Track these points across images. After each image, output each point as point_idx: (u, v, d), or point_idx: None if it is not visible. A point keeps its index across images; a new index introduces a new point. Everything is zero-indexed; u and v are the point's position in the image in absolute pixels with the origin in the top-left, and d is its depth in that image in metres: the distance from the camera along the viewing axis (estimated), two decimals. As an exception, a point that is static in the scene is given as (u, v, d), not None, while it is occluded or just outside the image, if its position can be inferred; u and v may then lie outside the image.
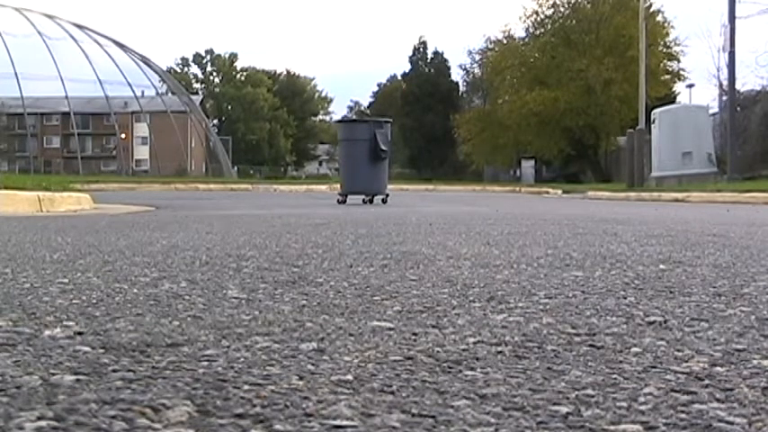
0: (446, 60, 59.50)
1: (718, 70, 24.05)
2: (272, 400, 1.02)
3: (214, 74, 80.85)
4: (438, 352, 1.31)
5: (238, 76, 79.89)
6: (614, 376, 1.16)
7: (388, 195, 11.17)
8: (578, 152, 43.07)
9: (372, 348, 1.34)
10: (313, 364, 1.22)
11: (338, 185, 12.07)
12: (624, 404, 1.02)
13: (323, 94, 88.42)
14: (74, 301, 1.82)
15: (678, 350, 1.34)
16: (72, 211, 7.74)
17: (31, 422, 0.92)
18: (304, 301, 1.85)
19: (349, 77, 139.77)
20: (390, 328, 1.52)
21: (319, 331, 1.49)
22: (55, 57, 38.55)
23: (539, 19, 43.66)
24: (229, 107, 77.34)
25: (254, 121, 74.53)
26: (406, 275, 2.37)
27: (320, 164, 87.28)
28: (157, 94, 47.67)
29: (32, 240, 3.66)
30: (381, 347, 1.35)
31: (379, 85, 69.62)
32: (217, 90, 78.61)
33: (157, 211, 8.18)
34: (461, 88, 59.63)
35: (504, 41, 44.77)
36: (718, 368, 1.21)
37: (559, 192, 25.04)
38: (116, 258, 2.83)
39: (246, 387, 1.08)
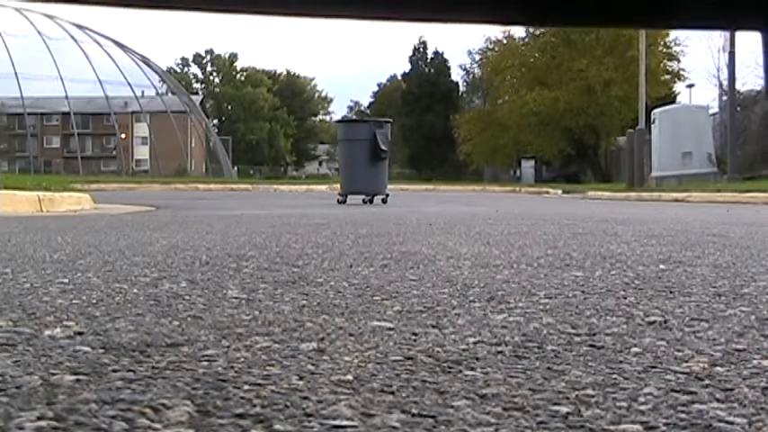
0: (446, 60, 59.43)
1: (718, 70, 24.07)
2: (272, 400, 1.02)
3: (214, 74, 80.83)
4: (438, 352, 1.31)
5: (238, 76, 79.84)
6: (614, 376, 1.16)
7: (388, 195, 11.16)
8: (578, 152, 43.04)
9: (372, 348, 1.34)
10: (313, 364, 1.22)
11: (338, 185, 12.06)
12: (624, 404, 1.02)
13: (323, 95, 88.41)
14: (74, 301, 1.82)
15: (678, 350, 1.34)
16: (72, 211, 7.73)
17: (31, 422, 0.92)
18: (304, 301, 1.85)
19: (349, 77, 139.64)
20: (390, 328, 1.52)
21: (319, 331, 1.49)
22: (55, 57, 38.55)
23: (539, 19, 43.59)
24: (229, 107, 77.30)
25: (254, 121, 74.47)
26: (406, 275, 2.37)
27: (320, 164, 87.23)
28: (157, 94, 47.63)
29: (32, 240, 3.66)
30: (381, 347, 1.35)
31: (378, 86, 69.61)
32: (217, 90, 78.57)
33: (157, 211, 8.18)
34: (461, 88, 59.57)
35: (504, 41, 44.72)
36: (718, 368, 1.21)
37: (559, 192, 25.01)
38: (116, 258, 2.83)
39: (246, 387, 1.08)
